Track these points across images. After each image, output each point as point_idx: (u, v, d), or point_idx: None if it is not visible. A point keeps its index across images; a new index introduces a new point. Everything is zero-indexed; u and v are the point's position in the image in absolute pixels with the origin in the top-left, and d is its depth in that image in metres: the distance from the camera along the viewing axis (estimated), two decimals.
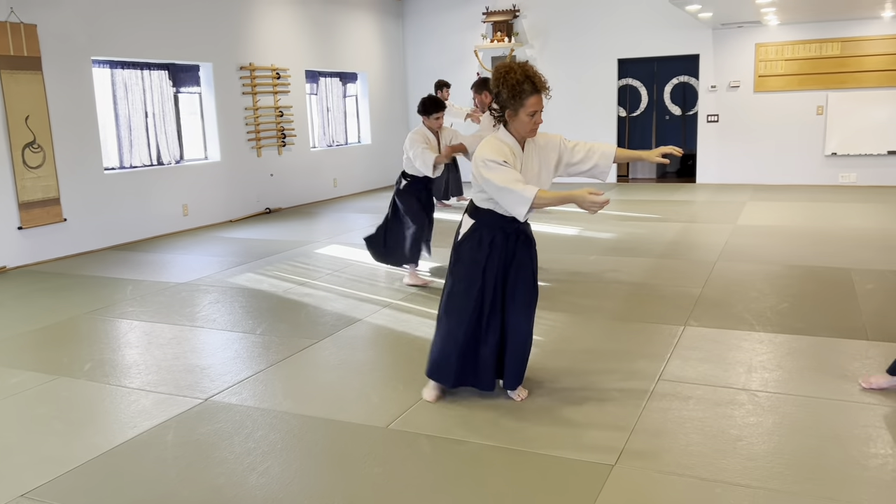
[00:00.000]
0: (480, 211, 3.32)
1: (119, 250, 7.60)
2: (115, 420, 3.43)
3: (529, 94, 3.13)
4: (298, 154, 10.50)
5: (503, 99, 3.17)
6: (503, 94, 3.15)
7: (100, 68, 7.72)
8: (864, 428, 3.07)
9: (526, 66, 3.17)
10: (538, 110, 3.17)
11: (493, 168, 3.11)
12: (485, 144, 3.23)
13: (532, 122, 3.18)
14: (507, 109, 3.19)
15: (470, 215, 3.38)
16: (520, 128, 3.21)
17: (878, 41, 10.24)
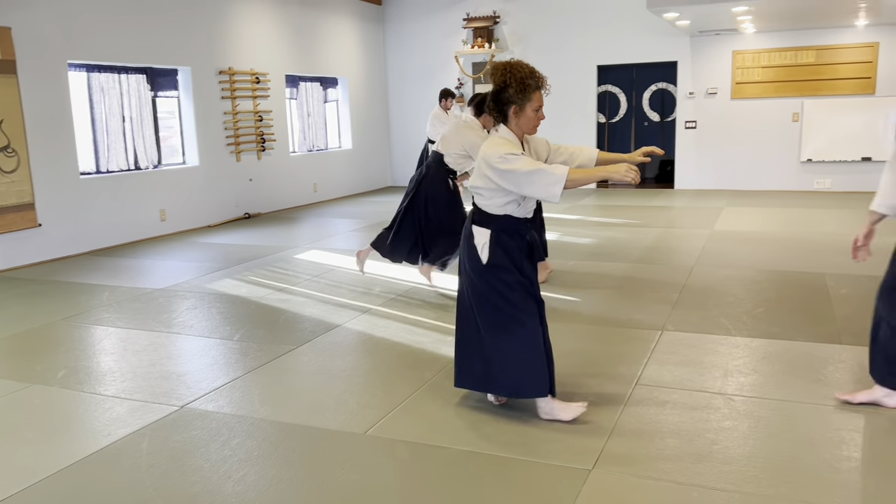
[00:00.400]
0: (495, 218, 3.21)
1: (95, 256, 7.51)
2: (89, 428, 3.39)
3: (535, 89, 3.13)
4: (278, 159, 10.46)
5: (510, 94, 3.12)
6: (511, 88, 3.11)
7: (76, 72, 7.65)
8: (838, 431, 3.11)
9: (528, 64, 3.19)
10: (541, 106, 3.18)
11: (512, 160, 3.03)
12: (492, 143, 3.14)
13: (536, 118, 3.18)
14: (514, 105, 3.14)
15: (481, 225, 3.24)
16: (525, 124, 3.17)
17: (852, 49, 10.40)
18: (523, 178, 3.03)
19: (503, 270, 3.19)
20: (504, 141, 3.16)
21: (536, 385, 3.21)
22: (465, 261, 3.30)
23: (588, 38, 11.55)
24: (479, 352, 3.28)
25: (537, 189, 3.04)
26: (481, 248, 3.22)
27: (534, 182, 3.02)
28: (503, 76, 3.14)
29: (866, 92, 10.41)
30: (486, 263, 3.20)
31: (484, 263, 3.21)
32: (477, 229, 3.25)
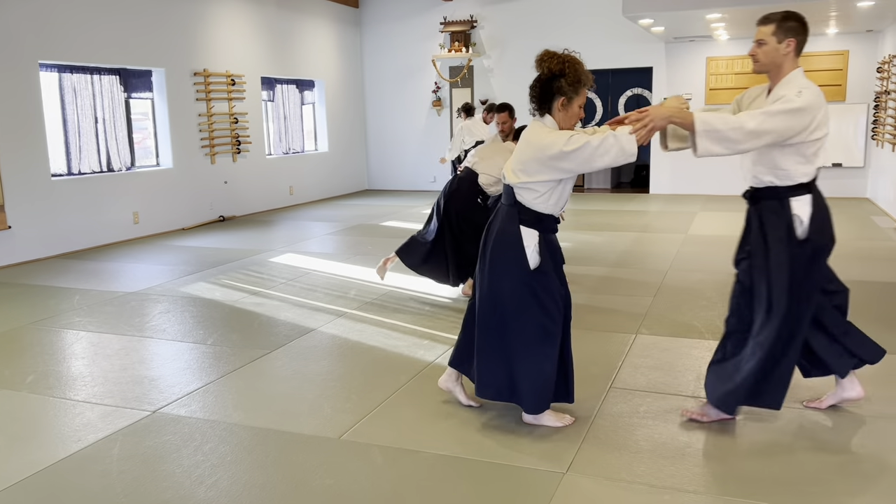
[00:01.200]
0: (543, 217, 3.12)
1: (66, 259, 7.41)
2: (59, 434, 3.33)
3: (584, 85, 3.06)
4: (253, 161, 10.39)
5: (562, 84, 3.01)
6: (567, 78, 3.00)
7: (47, 72, 7.54)
8: (811, 433, 3.15)
9: None
10: (583, 104, 3.12)
11: (577, 139, 2.94)
12: (543, 133, 3.03)
13: (578, 115, 3.11)
14: (563, 97, 3.03)
15: (530, 226, 3.11)
16: (569, 119, 3.08)
17: (824, 57, 10.57)
18: (595, 151, 2.93)
19: (547, 276, 3.11)
20: (553, 129, 3.06)
21: (547, 401, 3.20)
22: (504, 263, 3.13)
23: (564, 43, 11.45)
24: (504, 360, 3.18)
25: (613, 154, 2.93)
26: (531, 251, 3.09)
27: (608, 149, 2.92)
28: (561, 64, 3.01)
29: (837, 99, 10.58)
30: (534, 269, 3.09)
31: (532, 268, 3.09)
32: (526, 231, 3.10)
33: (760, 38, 3.04)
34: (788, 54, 3.01)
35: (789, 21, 3.01)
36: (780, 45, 3.01)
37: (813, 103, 2.92)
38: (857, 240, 7.53)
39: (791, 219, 3.02)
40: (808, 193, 3.05)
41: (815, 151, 3.02)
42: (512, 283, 3.11)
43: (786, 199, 3.04)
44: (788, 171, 3.02)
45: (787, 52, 3.01)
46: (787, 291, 3.01)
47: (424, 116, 12.68)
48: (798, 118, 2.90)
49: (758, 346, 3.06)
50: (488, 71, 12.03)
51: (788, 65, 3.04)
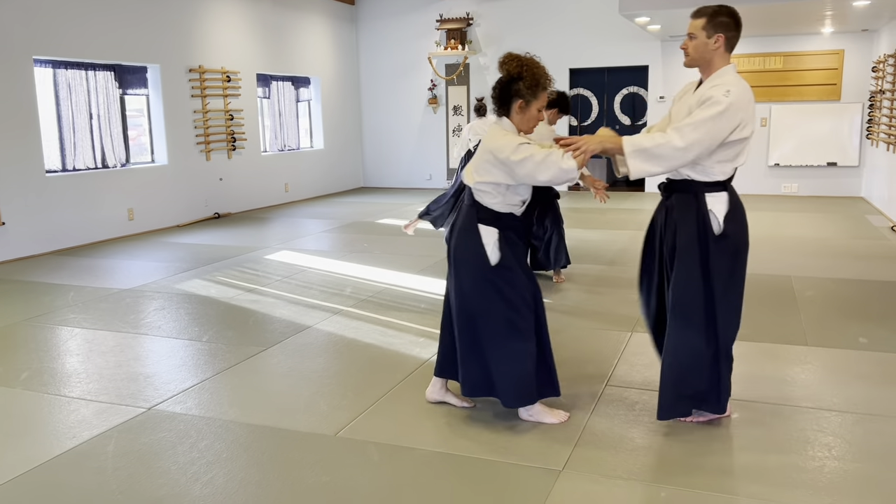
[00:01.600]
0: (502, 216, 3.15)
1: (61, 255, 7.38)
2: (53, 430, 3.32)
3: (543, 89, 3.07)
4: (249, 158, 10.36)
5: (521, 87, 3.03)
6: (525, 81, 3.02)
7: (42, 68, 7.50)
8: (803, 431, 3.16)
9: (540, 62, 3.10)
10: (543, 108, 3.13)
11: (525, 149, 2.97)
12: (498, 135, 3.07)
13: (538, 119, 3.12)
14: (521, 99, 3.06)
15: (489, 224, 3.14)
16: (525, 122, 3.11)
17: (819, 56, 10.59)
18: (537, 167, 2.97)
19: (511, 271, 3.14)
20: (510, 132, 3.10)
21: (529, 395, 3.20)
22: (465, 261, 3.17)
23: (561, 41, 11.62)
24: (478, 356, 3.20)
25: (553, 171, 2.97)
26: (491, 248, 3.13)
27: (549, 166, 2.96)
28: (518, 67, 3.04)
29: (832, 98, 10.61)
30: (494, 265, 3.13)
31: (493, 265, 3.12)
32: (484, 228, 3.14)
33: (691, 31, 3.02)
34: (718, 49, 2.98)
35: (720, 16, 2.98)
36: (710, 41, 2.98)
37: (740, 102, 2.89)
38: (852, 238, 7.55)
39: (706, 214, 3.00)
40: (724, 191, 3.04)
41: (739, 151, 3.00)
42: (474, 280, 3.16)
43: (701, 194, 3.02)
44: (706, 167, 3.00)
45: (717, 48, 2.98)
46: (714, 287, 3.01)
47: (420, 114, 12.67)
48: (726, 120, 2.87)
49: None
50: (484, 69, 12.02)
51: (718, 60, 3.01)
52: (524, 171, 3.01)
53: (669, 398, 3.10)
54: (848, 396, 3.53)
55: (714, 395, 3.11)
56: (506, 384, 3.17)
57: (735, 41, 3.03)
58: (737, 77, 2.99)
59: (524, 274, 3.19)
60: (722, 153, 2.96)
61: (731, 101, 2.87)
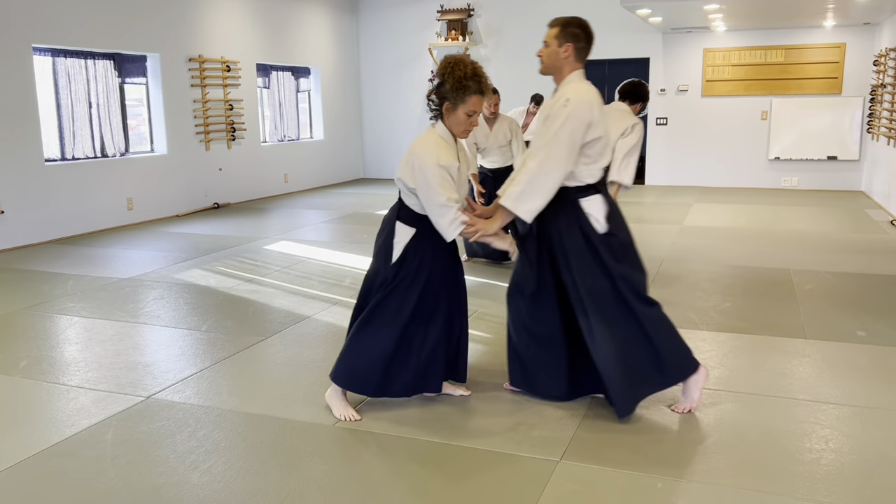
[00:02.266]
0: (421, 217, 3.12)
1: (59, 244, 7.37)
2: (52, 418, 3.32)
3: (473, 93, 3.02)
4: (248, 148, 10.34)
5: (445, 90, 3.04)
6: (447, 84, 3.03)
7: (41, 56, 7.48)
8: (801, 424, 3.16)
9: (476, 65, 3.07)
10: (477, 112, 3.07)
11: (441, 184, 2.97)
12: (429, 144, 3.04)
13: (468, 122, 3.08)
14: (447, 102, 3.05)
15: (406, 222, 3.15)
16: (455, 125, 3.09)
17: (820, 49, 10.57)
18: (433, 206, 3.00)
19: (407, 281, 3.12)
20: (443, 144, 3.07)
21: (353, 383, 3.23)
22: (375, 252, 3.23)
23: None
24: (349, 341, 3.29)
25: (437, 222, 3.03)
26: (398, 248, 3.13)
27: (441, 216, 3.00)
28: (441, 70, 3.07)
29: (833, 92, 10.59)
30: (392, 263, 3.13)
31: (392, 262, 3.13)
32: (401, 226, 3.15)
33: (546, 39, 3.17)
34: (567, 58, 3.12)
35: (571, 27, 3.13)
36: (560, 49, 3.12)
37: (580, 106, 3.00)
38: (852, 233, 7.55)
39: (586, 219, 3.10)
40: (597, 193, 3.13)
41: (599, 152, 3.10)
42: (375, 267, 3.22)
43: (576, 201, 3.10)
44: (574, 172, 3.08)
45: (566, 56, 3.12)
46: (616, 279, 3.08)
47: (420, 105, 12.63)
48: (571, 127, 2.98)
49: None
50: (485, 60, 11.99)
51: (567, 68, 3.15)
52: (422, 198, 3.03)
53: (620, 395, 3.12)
54: (846, 389, 3.54)
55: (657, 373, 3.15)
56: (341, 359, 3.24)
57: (585, 53, 3.17)
58: (580, 83, 3.12)
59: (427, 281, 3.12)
60: (583, 155, 3.07)
61: (570, 110, 3.00)
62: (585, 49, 3.16)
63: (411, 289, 3.15)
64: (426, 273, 3.15)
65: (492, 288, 5.49)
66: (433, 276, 3.17)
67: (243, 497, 2.62)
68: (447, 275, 3.25)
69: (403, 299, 3.15)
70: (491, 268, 6.11)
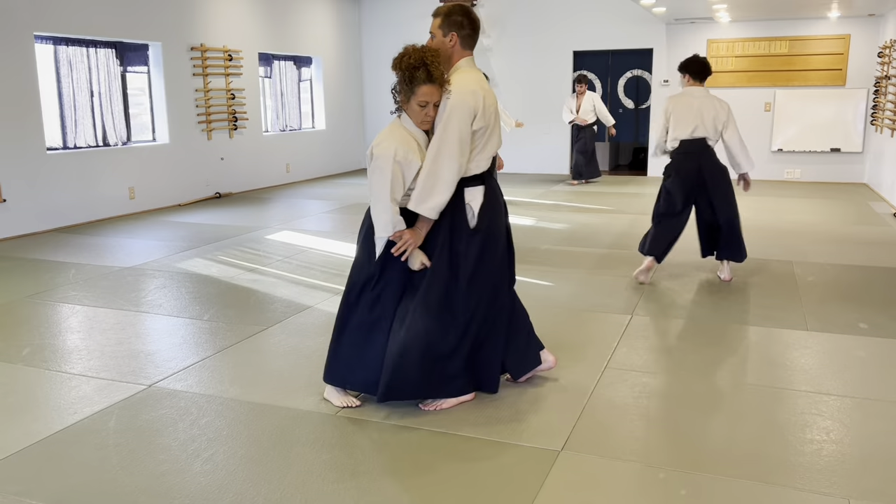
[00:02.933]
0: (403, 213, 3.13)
1: (61, 233, 7.38)
2: (55, 406, 3.33)
3: (422, 83, 2.95)
4: (250, 138, 10.33)
5: (400, 84, 3.05)
6: (398, 76, 3.04)
7: (43, 44, 7.46)
8: (802, 415, 3.17)
9: (425, 52, 3.00)
10: (430, 102, 2.98)
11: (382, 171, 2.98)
12: (393, 136, 3.04)
13: (423, 114, 3.01)
14: (401, 94, 3.05)
15: None
16: (414, 115, 3.04)
17: (824, 41, 10.52)
18: (375, 197, 3.02)
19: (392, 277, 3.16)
20: (404, 134, 3.05)
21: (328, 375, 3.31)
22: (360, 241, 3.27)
23: (565, 23, 11.54)
24: None
25: (374, 212, 3.05)
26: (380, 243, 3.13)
27: (375, 206, 3.03)
28: (393, 62, 3.04)
29: (837, 83, 10.54)
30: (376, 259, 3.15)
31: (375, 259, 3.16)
32: None
33: (431, 30, 3.18)
34: (454, 47, 3.11)
35: (453, 16, 3.10)
36: (445, 39, 3.11)
37: (460, 99, 2.99)
38: (855, 225, 7.54)
39: (463, 209, 3.09)
40: (481, 184, 3.12)
41: (482, 144, 3.08)
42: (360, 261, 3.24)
43: (461, 189, 3.08)
44: None
45: (453, 45, 3.11)
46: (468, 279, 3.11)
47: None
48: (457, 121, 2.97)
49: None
50: (487, 50, 11.95)
51: (456, 56, 3.13)
52: (370, 184, 3.04)
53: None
54: (847, 381, 3.54)
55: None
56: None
57: (471, 40, 3.15)
58: (467, 72, 3.10)
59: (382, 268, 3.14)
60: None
61: (452, 101, 2.99)
62: (471, 36, 3.14)
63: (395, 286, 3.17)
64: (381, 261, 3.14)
65: None
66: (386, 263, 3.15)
67: (245, 485, 2.63)
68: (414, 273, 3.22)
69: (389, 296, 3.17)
70: None
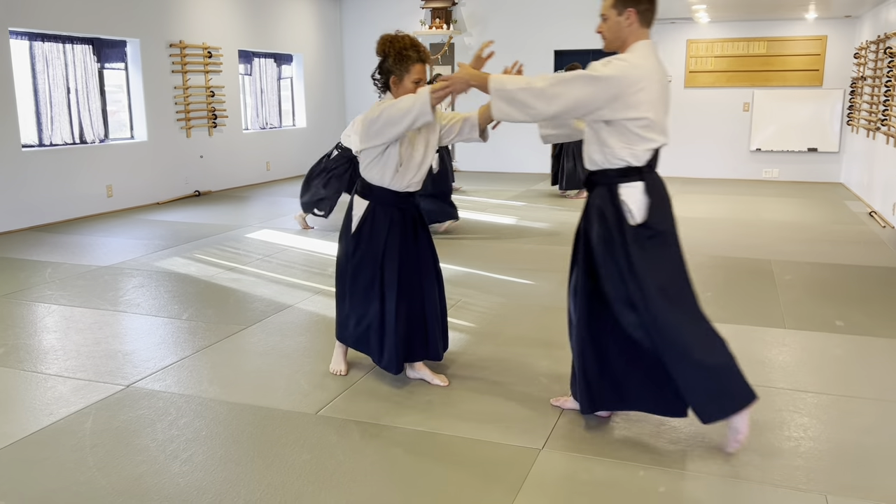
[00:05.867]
0: (374, 189, 3.30)
1: (37, 231, 7.27)
2: (30, 407, 3.28)
3: (415, 62, 3.18)
4: (230, 136, 10.25)
5: (389, 64, 3.19)
6: (389, 59, 3.18)
7: (18, 40, 7.35)
8: (779, 412, 3.20)
9: (412, 37, 3.23)
10: (422, 79, 3.20)
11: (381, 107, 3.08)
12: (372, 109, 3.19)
13: (416, 91, 3.16)
14: (393, 75, 3.20)
15: (361, 195, 3.35)
16: (404, 94, 3.16)
17: (802, 42, 10.63)
18: (392, 108, 3.05)
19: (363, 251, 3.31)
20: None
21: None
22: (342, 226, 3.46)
23: (546, 22, 11.56)
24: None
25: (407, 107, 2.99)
26: (356, 219, 3.34)
27: (406, 107, 3.01)
28: (382, 47, 3.21)
29: (814, 84, 10.66)
30: (354, 235, 3.34)
31: (353, 233, 3.34)
32: (357, 199, 3.36)
33: (602, 12, 2.87)
34: (631, 26, 2.79)
35: None
36: (621, 18, 2.79)
37: (620, 75, 2.66)
38: (831, 224, 7.63)
39: (620, 206, 2.75)
40: (639, 181, 2.76)
41: (637, 135, 2.72)
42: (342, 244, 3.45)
43: (615, 186, 2.76)
44: (614, 149, 2.75)
45: (630, 24, 2.79)
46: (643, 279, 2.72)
47: None
48: (599, 87, 2.66)
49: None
50: (469, 48, 11.95)
51: (632, 38, 2.81)
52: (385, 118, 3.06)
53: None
54: (824, 378, 3.58)
55: None
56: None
57: (650, 14, 2.81)
58: (643, 53, 2.77)
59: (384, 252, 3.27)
60: (620, 133, 2.73)
61: (611, 71, 2.68)
62: (650, 11, 2.80)
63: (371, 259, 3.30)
64: (382, 242, 3.28)
65: (472, 277, 5.48)
66: (390, 246, 3.28)
67: (224, 486, 2.61)
68: (407, 245, 3.32)
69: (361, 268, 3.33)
70: (473, 256, 6.10)
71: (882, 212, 7.93)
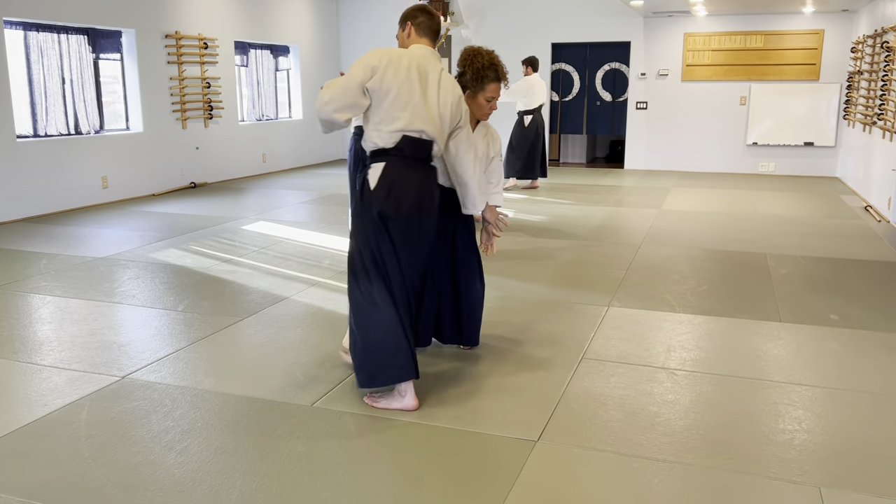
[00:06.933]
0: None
1: (32, 223, 7.25)
2: (24, 398, 3.28)
3: (491, 81, 3.39)
4: (226, 127, 10.22)
5: (466, 79, 3.38)
6: (467, 75, 3.38)
7: (12, 30, 7.31)
8: (774, 405, 3.21)
9: (493, 55, 3.41)
10: (496, 97, 3.43)
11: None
12: None
13: (488, 107, 3.45)
14: (468, 90, 3.39)
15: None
16: (476, 110, 3.44)
17: (799, 35, 10.63)
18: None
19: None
20: None
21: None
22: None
23: (544, 15, 11.53)
24: None
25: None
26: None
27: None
28: (464, 62, 3.41)
29: (811, 78, 10.66)
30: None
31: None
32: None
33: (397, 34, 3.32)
34: (411, 37, 3.22)
35: (406, 12, 3.26)
36: (403, 34, 3.25)
37: (373, 53, 3.01)
38: (827, 218, 7.64)
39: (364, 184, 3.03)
40: (382, 162, 3.01)
41: (381, 118, 2.99)
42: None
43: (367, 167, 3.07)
44: (367, 134, 3.06)
45: (408, 36, 3.22)
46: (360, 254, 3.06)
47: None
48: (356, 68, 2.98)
49: None
50: (466, 41, 11.91)
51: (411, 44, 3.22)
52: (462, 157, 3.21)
53: None
54: (819, 371, 3.59)
55: None
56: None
57: (426, 25, 3.21)
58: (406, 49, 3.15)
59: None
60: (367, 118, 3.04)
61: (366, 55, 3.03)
62: (424, 23, 3.20)
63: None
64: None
65: None
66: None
67: (219, 477, 2.61)
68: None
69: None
70: None
71: (877, 206, 7.94)
